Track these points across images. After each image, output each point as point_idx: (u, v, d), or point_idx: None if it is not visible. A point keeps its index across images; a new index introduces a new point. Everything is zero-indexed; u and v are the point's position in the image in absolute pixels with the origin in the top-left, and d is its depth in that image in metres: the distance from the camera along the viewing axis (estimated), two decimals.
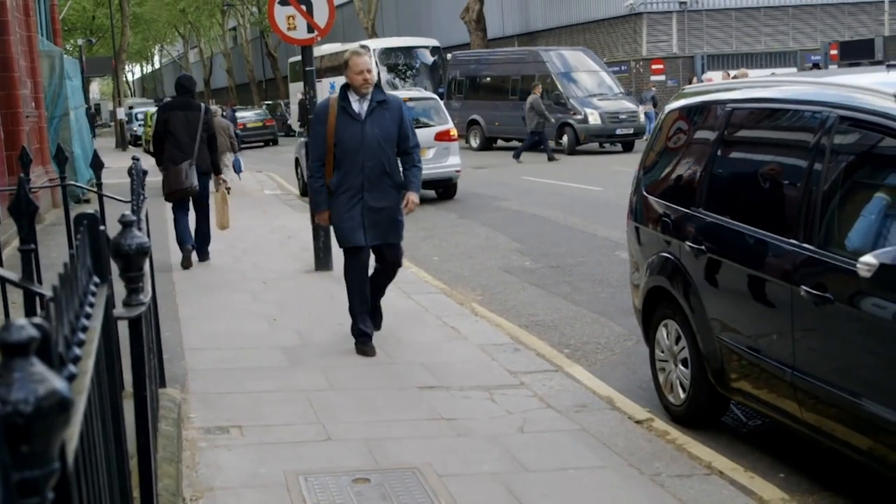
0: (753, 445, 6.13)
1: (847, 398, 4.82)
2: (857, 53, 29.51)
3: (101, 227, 2.90)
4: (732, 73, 30.49)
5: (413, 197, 7.99)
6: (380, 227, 7.98)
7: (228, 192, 14.01)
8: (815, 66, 31.44)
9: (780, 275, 5.24)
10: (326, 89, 39.22)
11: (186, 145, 12.11)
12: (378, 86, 7.96)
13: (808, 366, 5.08)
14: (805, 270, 5.01)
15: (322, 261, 11.92)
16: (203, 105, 12.68)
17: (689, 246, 6.20)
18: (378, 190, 7.87)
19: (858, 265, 4.34)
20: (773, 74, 25.00)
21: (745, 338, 5.68)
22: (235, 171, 21.55)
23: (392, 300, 10.19)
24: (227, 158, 20.08)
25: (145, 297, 3.54)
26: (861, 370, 4.80)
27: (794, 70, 33.76)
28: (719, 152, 6.24)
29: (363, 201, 7.86)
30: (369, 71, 7.78)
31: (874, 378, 4.72)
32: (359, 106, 7.85)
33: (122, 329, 3.57)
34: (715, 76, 31.97)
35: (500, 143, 33.82)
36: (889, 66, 5.71)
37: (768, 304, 5.41)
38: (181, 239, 12.57)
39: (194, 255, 12.65)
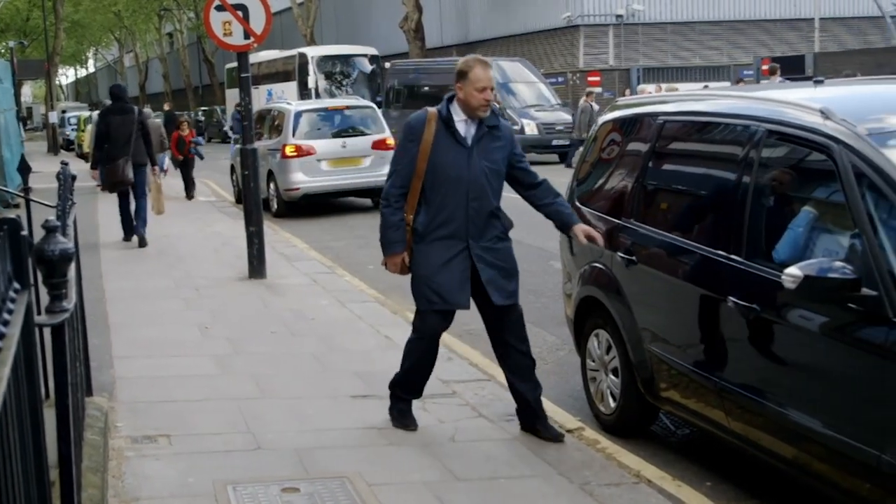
0: (681, 454, 6.18)
1: (772, 407, 4.89)
2: (788, 69, 30.00)
3: (23, 233, 2.85)
4: (664, 86, 30.82)
5: (584, 228, 6.31)
6: (498, 280, 6.17)
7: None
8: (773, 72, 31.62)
9: (708, 286, 5.30)
10: (264, 96, 39.08)
11: (123, 144, 14.26)
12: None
13: (734, 376, 5.14)
14: (733, 281, 5.07)
15: (256, 268, 11.84)
16: (136, 108, 14.96)
17: (621, 256, 6.24)
18: (486, 236, 6.16)
19: (783, 277, 4.39)
20: (706, 87, 25.26)
21: (674, 348, 5.74)
22: (161, 169, 21.70)
23: (326, 309, 10.18)
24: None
25: (69, 303, 3.49)
26: (785, 380, 4.87)
27: (727, 84, 34.12)
28: (651, 164, 6.30)
29: (468, 250, 6.11)
30: (493, 89, 6.19)
31: (798, 388, 4.79)
32: (465, 128, 6.16)
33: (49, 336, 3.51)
34: (649, 89, 32.28)
35: None
36: (816, 82, 5.82)
37: (697, 315, 5.46)
38: (127, 227, 15.11)
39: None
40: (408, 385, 6.48)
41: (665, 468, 5.82)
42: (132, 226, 14.96)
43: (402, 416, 6.47)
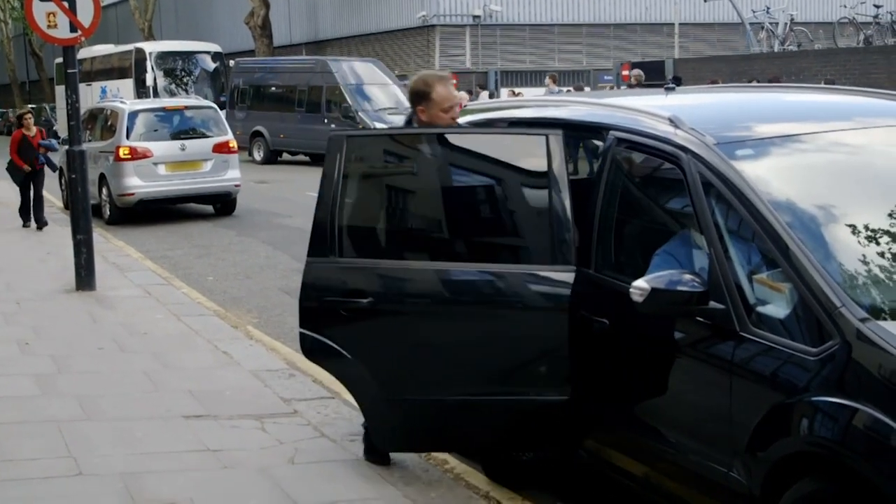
0: (532, 474, 6.25)
1: (623, 425, 4.98)
2: (648, 74, 30.73)
3: None
4: (507, 91, 31.26)
5: None
6: None
7: None
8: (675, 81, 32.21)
9: (553, 302, 5.20)
10: (97, 94, 38.11)
11: None
12: None
13: (586, 392, 5.19)
14: (581, 295, 5.11)
15: (84, 280, 11.56)
16: None
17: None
18: None
19: (631, 290, 4.47)
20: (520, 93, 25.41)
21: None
22: None
23: (161, 323, 9.99)
24: None
25: None
26: (635, 395, 4.97)
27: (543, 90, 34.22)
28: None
29: None
30: (457, 107, 6.08)
31: (648, 403, 4.90)
32: None
33: None
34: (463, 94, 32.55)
35: (285, 156, 33.59)
36: (667, 89, 5.97)
37: (544, 332, 5.27)
38: None
39: None
40: None
41: (515, 489, 5.87)
42: None
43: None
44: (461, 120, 7.09)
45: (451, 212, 5.79)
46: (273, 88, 34.98)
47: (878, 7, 30.70)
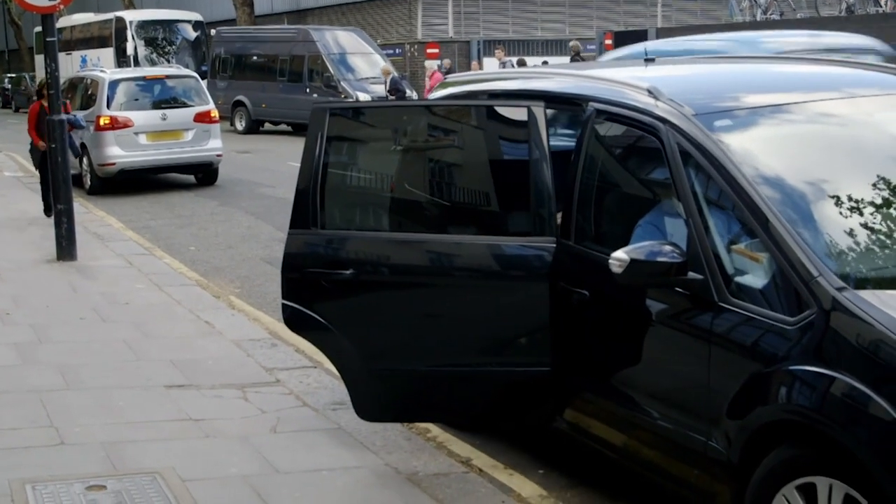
0: (513, 443, 6.28)
1: (603, 395, 5.02)
2: (631, 44, 30.67)
3: None
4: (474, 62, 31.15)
5: None
6: None
7: None
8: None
9: (533, 274, 5.23)
10: (77, 63, 37.91)
11: None
12: None
13: (566, 362, 5.20)
14: (561, 267, 5.13)
15: (65, 250, 11.54)
16: None
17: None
18: None
19: (610, 261, 4.48)
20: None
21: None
22: None
23: (142, 293, 9.99)
24: None
25: None
26: (614, 365, 5.00)
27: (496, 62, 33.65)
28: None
29: None
30: None
31: (627, 373, 4.92)
32: None
33: None
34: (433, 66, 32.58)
35: (267, 126, 33.48)
36: (647, 61, 5.98)
37: (525, 303, 5.29)
38: None
39: None
40: None
41: (497, 456, 5.92)
42: None
43: None
44: (443, 92, 7.12)
45: (432, 183, 5.82)
46: (255, 58, 34.82)
47: None
